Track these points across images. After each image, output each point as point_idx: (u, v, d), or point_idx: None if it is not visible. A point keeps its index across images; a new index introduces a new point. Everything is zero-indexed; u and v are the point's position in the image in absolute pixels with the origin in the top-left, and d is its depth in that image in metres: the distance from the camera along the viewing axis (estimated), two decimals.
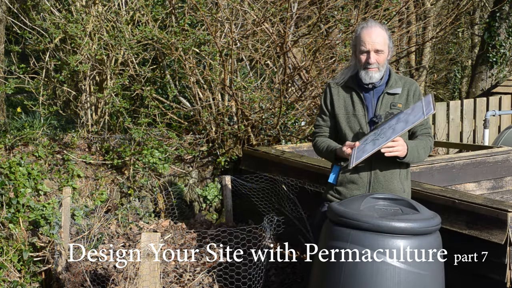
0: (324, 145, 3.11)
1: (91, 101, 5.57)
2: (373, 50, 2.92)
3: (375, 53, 2.93)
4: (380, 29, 2.95)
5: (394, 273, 2.52)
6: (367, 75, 2.96)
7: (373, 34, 2.92)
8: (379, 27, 2.96)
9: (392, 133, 2.81)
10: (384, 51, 2.95)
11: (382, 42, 2.94)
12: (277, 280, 3.89)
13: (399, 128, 2.80)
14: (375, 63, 2.93)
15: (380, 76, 2.98)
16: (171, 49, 5.25)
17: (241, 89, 5.33)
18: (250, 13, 5.29)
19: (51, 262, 4.09)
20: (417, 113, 2.82)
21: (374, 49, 2.92)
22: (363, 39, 2.94)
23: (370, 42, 2.92)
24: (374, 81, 2.97)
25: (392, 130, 2.83)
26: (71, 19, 5.17)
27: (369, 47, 2.92)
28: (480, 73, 9.59)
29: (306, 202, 4.32)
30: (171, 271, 3.84)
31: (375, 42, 2.92)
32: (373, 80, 2.97)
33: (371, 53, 2.93)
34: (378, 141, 2.81)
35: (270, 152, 4.80)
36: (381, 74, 2.98)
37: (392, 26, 6.15)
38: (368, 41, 2.92)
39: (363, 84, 3.01)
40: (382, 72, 2.99)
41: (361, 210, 2.67)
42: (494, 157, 4.32)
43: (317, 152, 3.20)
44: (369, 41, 2.92)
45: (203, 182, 5.49)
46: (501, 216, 2.86)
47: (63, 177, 4.86)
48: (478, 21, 13.31)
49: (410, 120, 2.81)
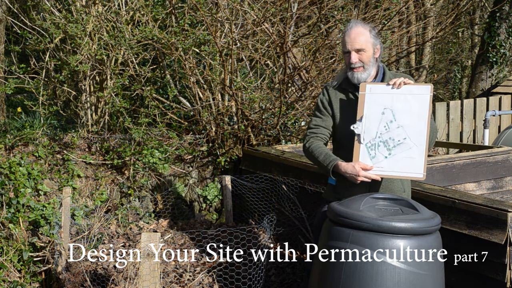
0: (321, 151, 2.96)
1: (91, 101, 5.58)
2: (354, 49, 2.93)
3: (356, 53, 2.94)
4: (361, 28, 2.95)
5: (394, 273, 2.52)
6: (353, 77, 2.98)
7: (352, 34, 2.93)
8: (360, 26, 2.96)
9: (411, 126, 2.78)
10: (366, 50, 2.94)
11: (363, 40, 2.93)
12: (277, 280, 3.89)
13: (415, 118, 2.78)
14: (357, 62, 2.94)
15: (367, 76, 2.98)
16: (171, 49, 5.25)
17: (241, 89, 5.33)
18: (250, 13, 5.30)
19: (51, 262, 4.09)
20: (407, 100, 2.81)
21: (354, 49, 2.93)
22: (344, 40, 2.97)
23: (350, 42, 2.93)
24: (362, 81, 2.97)
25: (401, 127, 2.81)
26: (71, 19, 5.17)
27: (349, 47, 2.94)
28: (480, 73, 9.58)
29: (306, 202, 4.32)
30: (171, 271, 3.84)
31: (354, 41, 2.92)
32: (360, 81, 2.97)
33: (352, 52, 2.94)
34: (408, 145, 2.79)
35: (270, 152, 4.80)
36: (368, 73, 2.98)
37: (392, 26, 6.15)
38: (347, 41, 2.94)
39: (358, 85, 3.02)
40: (370, 71, 2.98)
41: (361, 210, 2.67)
42: (494, 157, 4.32)
43: (308, 155, 3.04)
44: (348, 41, 2.94)
45: (203, 182, 5.49)
46: (501, 216, 2.86)
47: (63, 177, 4.86)
48: (478, 21, 13.31)
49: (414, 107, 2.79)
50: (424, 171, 2.77)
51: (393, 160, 2.82)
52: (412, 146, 2.80)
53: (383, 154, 2.85)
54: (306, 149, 3.06)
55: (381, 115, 2.87)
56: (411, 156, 2.79)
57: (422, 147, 2.78)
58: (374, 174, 2.84)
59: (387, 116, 2.86)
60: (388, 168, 2.83)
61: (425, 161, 2.78)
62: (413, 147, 2.79)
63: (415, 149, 2.79)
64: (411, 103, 2.82)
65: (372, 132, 2.87)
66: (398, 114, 2.84)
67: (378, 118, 2.87)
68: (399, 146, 2.83)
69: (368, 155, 2.87)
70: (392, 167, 2.82)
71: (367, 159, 2.86)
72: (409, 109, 2.82)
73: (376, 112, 2.87)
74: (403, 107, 2.83)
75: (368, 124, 2.87)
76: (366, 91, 2.90)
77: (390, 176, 2.87)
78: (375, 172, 2.84)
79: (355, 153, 2.88)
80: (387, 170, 2.83)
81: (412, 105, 2.82)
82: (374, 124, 2.87)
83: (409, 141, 2.81)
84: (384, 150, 2.85)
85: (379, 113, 2.87)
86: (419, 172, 2.77)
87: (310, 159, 3.05)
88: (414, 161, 2.78)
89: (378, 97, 2.88)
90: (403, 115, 2.83)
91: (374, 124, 2.87)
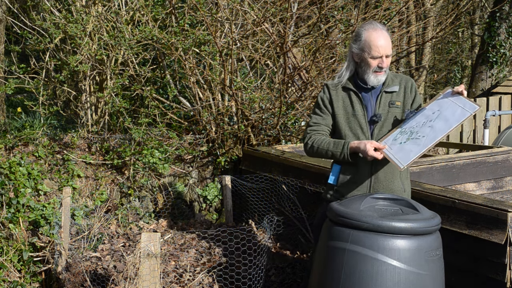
0: (327, 141, 2.98)
1: (91, 101, 5.58)
2: (385, 55, 2.94)
3: (386, 58, 2.95)
4: (386, 33, 2.97)
5: (394, 273, 2.52)
6: (375, 79, 2.98)
7: (384, 39, 2.93)
8: (385, 31, 2.97)
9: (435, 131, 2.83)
10: (390, 55, 2.98)
11: (390, 45, 2.96)
12: (277, 280, 3.89)
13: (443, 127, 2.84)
14: (387, 66, 2.97)
15: (384, 77, 3.00)
16: (171, 49, 5.25)
17: (241, 89, 5.33)
18: (250, 13, 5.30)
19: (51, 262, 4.09)
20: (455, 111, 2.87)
21: (386, 54, 2.94)
22: (374, 44, 2.91)
23: (383, 47, 2.92)
24: (380, 84, 3.00)
25: (430, 128, 2.85)
26: (71, 19, 5.17)
27: (382, 52, 2.92)
28: (480, 73, 9.58)
29: (306, 202, 4.32)
30: (171, 271, 3.83)
31: (387, 47, 2.93)
32: (380, 83, 2.99)
33: (384, 57, 2.94)
34: (420, 140, 2.83)
35: (270, 152, 4.80)
36: (385, 75, 3.01)
37: (392, 26, 6.15)
38: (381, 46, 2.91)
39: (361, 85, 3.02)
40: (387, 73, 3.02)
41: (361, 210, 2.67)
42: (494, 157, 4.32)
43: (312, 150, 3.03)
44: (381, 46, 2.91)
45: (203, 182, 5.49)
46: (501, 216, 2.86)
47: (63, 177, 4.86)
48: (478, 21, 13.31)
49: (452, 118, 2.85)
50: (407, 165, 2.80)
51: (401, 148, 2.86)
52: (420, 144, 2.83)
53: (401, 140, 2.90)
54: (310, 146, 3.04)
55: (432, 114, 2.94)
56: (412, 149, 2.82)
57: (424, 149, 2.81)
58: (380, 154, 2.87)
59: (434, 115, 2.92)
60: (393, 151, 2.87)
61: (416, 159, 2.81)
62: (420, 145, 2.83)
63: (419, 147, 2.82)
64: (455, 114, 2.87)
65: (414, 122, 2.93)
66: (439, 118, 2.90)
67: (428, 115, 2.94)
68: (414, 140, 2.87)
69: (393, 137, 2.93)
70: (395, 152, 2.86)
71: (390, 139, 2.93)
72: (449, 117, 2.88)
73: (432, 110, 2.95)
74: (447, 115, 2.89)
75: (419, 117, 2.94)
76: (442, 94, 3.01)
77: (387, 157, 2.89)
78: (386, 151, 2.88)
79: (391, 131, 2.97)
80: (391, 153, 2.87)
81: (454, 115, 2.87)
82: (421, 118, 2.93)
83: (422, 139, 2.84)
84: (405, 137, 2.90)
85: (432, 112, 2.94)
86: (403, 163, 2.80)
87: (317, 153, 3.02)
88: (409, 154, 2.81)
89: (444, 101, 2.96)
90: (441, 120, 2.88)
91: (421, 119, 2.93)
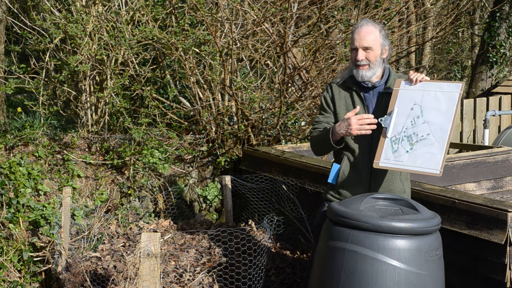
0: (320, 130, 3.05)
1: (91, 101, 5.58)
2: (361, 47, 2.94)
3: (364, 50, 2.95)
4: (371, 27, 2.96)
5: (394, 273, 2.52)
6: (358, 73, 2.99)
7: (362, 32, 2.95)
8: (370, 25, 2.97)
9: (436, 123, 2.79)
10: (374, 49, 2.95)
11: (372, 39, 2.95)
12: (277, 280, 3.89)
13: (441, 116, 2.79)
14: (363, 60, 2.95)
15: (372, 75, 2.99)
16: (171, 49, 5.25)
17: (241, 89, 5.33)
18: (250, 13, 5.29)
19: (51, 262, 4.09)
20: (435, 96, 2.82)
21: (362, 46, 2.94)
22: (353, 37, 2.98)
23: (358, 39, 2.95)
24: (366, 80, 2.98)
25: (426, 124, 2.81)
26: (71, 19, 5.17)
27: (357, 44, 2.95)
28: (480, 73, 9.58)
29: (306, 202, 4.32)
30: (171, 271, 3.83)
31: (363, 39, 2.94)
32: (364, 79, 2.98)
33: (359, 50, 2.95)
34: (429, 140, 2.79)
35: (270, 152, 4.80)
36: (373, 72, 2.98)
37: (392, 26, 6.15)
38: (356, 38, 2.96)
39: (363, 84, 3.01)
40: (376, 70, 2.99)
41: (361, 210, 2.67)
42: (494, 157, 4.32)
43: (312, 143, 3.13)
44: (357, 38, 2.95)
45: (203, 182, 5.49)
46: (501, 216, 2.86)
47: (63, 177, 4.86)
48: (478, 21, 13.31)
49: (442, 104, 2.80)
50: (442, 168, 2.75)
51: (413, 155, 2.82)
52: (434, 142, 2.79)
53: (405, 149, 2.85)
54: (310, 141, 3.15)
55: (410, 111, 2.89)
56: (432, 151, 2.78)
57: (444, 144, 2.76)
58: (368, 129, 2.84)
59: (415, 111, 2.87)
60: (408, 162, 2.82)
61: (445, 158, 2.76)
62: (435, 143, 2.78)
63: (436, 145, 2.78)
64: (440, 100, 2.82)
65: (398, 126, 2.89)
66: (426, 110, 2.85)
67: (406, 114, 2.89)
68: (421, 142, 2.83)
69: (391, 149, 2.88)
70: (412, 161, 2.81)
71: (390, 153, 2.87)
72: (437, 106, 2.83)
73: (406, 107, 2.90)
74: (432, 104, 2.84)
75: (397, 119, 2.90)
76: (400, 87, 2.93)
77: (408, 171, 2.87)
78: (394, 165, 2.84)
79: (379, 146, 2.90)
80: (406, 164, 2.83)
81: (441, 102, 2.82)
82: (402, 119, 2.89)
83: (432, 137, 2.80)
84: (406, 144, 2.86)
85: (409, 108, 2.89)
86: (437, 168, 2.75)
87: (316, 146, 3.11)
88: (433, 157, 2.77)
89: (410, 93, 2.90)
90: (431, 111, 2.83)
91: (402, 119, 2.89)
